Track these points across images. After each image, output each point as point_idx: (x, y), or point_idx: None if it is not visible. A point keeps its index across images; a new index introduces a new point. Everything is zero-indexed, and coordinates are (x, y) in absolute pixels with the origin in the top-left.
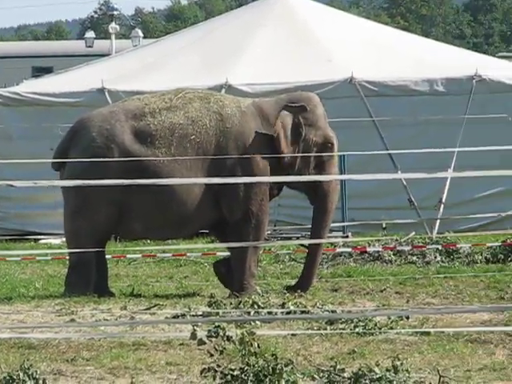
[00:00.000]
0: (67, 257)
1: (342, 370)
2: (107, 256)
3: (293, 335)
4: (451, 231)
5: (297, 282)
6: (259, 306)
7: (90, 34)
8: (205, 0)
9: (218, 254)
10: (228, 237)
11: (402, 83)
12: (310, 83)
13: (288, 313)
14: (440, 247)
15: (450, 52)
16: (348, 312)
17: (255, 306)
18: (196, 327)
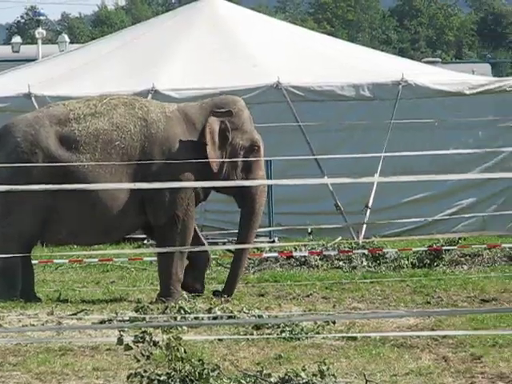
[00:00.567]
0: None
1: (269, 375)
2: (34, 261)
3: (219, 340)
4: (377, 236)
5: (223, 287)
6: (186, 311)
7: (17, 39)
8: (131, 5)
9: (145, 259)
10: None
11: (329, 88)
12: (237, 88)
13: (215, 318)
14: (366, 252)
15: (377, 57)
16: (274, 317)
17: (182, 311)
18: (123, 332)
